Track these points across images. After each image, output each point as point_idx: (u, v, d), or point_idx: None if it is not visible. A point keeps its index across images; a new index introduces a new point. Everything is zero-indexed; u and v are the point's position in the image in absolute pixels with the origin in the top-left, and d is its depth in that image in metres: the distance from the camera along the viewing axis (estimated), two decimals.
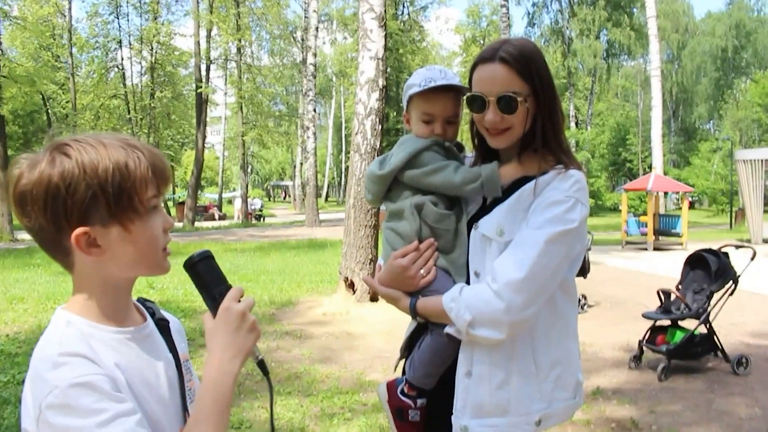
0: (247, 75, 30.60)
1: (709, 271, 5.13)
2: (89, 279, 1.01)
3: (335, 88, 51.88)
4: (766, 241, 16.39)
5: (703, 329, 5.04)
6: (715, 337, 5.04)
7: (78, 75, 31.38)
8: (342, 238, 7.67)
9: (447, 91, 1.57)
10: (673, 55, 47.41)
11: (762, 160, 17.22)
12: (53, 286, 9.14)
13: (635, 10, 36.80)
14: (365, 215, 7.32)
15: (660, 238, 16.16)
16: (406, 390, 1.62)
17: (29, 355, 1.00)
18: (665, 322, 5.24)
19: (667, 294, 5.31)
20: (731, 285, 5.06)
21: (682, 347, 4.90)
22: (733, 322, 6.61)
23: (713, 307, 5.04)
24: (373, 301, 7.02)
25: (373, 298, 7.04)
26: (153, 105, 30.99)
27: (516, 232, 1.44)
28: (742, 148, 33.86)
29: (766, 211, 18.13)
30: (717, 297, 5.09)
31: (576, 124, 39.43)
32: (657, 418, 3.99)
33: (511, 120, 1.47)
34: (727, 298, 5.08)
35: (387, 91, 7.95)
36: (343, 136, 53.51)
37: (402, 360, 1.71)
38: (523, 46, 1.49)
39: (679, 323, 5.21)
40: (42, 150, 0.98)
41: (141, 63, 32.62)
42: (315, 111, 27.13)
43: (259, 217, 32.69)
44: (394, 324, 5.76)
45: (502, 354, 1.45)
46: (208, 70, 28.86)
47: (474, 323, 1.39)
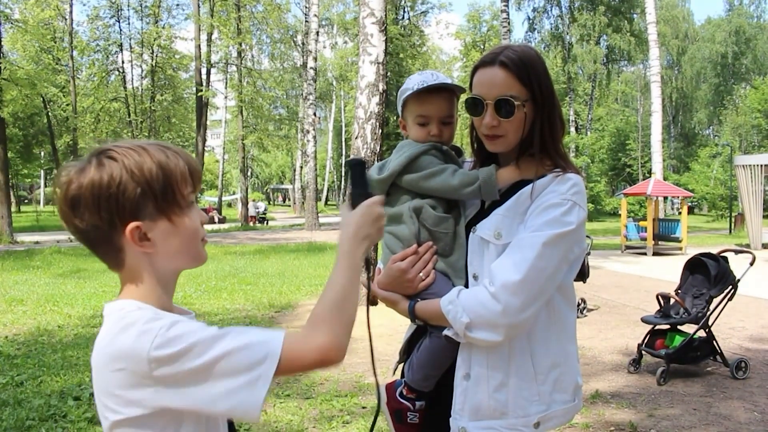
0: (248, 78, 30.65)
1: (709, 276, 5.13)
2: (142, 273, 1.08)
3: (335, 92, 51.97)
4: (765, 246, 16.39)
5: (703, 333, 5.04)
6: (714, 342, 5.04)
7: (78, 78, 31.43)
8: None
9: (440, 92, 1.58)
10: (673, 61, 47.55)
11: (761, 165, 17.22)
12: (53, 288, 9.15)
13: (635, 15, 36.97)
14: None
15: (659, 242, 16.20)
16: (404, 392, 1.62)
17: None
18: (664, 326, 5.24)
19: (667, 298, 5.31)
20: (731, 289, 5.05)
21: (681, 351, 4.90)
22: (733, 326, 6.62)
23: (712, 312, 5.04)
24: (373, 305, 7.00)
25: (373, 301, 7.02)
26: (153, 108, 31.08)
27: (514, 235, 1.44)
28: (741, 153, 33.93)
29: (765, 216, 18.15)
30: (716, 301, 5.08)
31: (576, 128, 39.57)
32: (656, 422, 3.99)
33: (507, 126, 1.47)
34: (727, 302, 5.08)
35: (387, 96, 7.96)
36: (343, 140, 53.59)
37: (401, 363, 1.71)
38: (524, 51, 1.49)
39: (679, 327, 5.21)
40: (86, 157, 1.06)
41: (141, 66, 32.78)
42: (315, 115, 27.17)
43: (263, 220, 32.56)
44: (393, 327, 5.77)
45: (500, 356, 1.45)
46: (208, 73, 28.94)
47: (471, 326, 1.40)
